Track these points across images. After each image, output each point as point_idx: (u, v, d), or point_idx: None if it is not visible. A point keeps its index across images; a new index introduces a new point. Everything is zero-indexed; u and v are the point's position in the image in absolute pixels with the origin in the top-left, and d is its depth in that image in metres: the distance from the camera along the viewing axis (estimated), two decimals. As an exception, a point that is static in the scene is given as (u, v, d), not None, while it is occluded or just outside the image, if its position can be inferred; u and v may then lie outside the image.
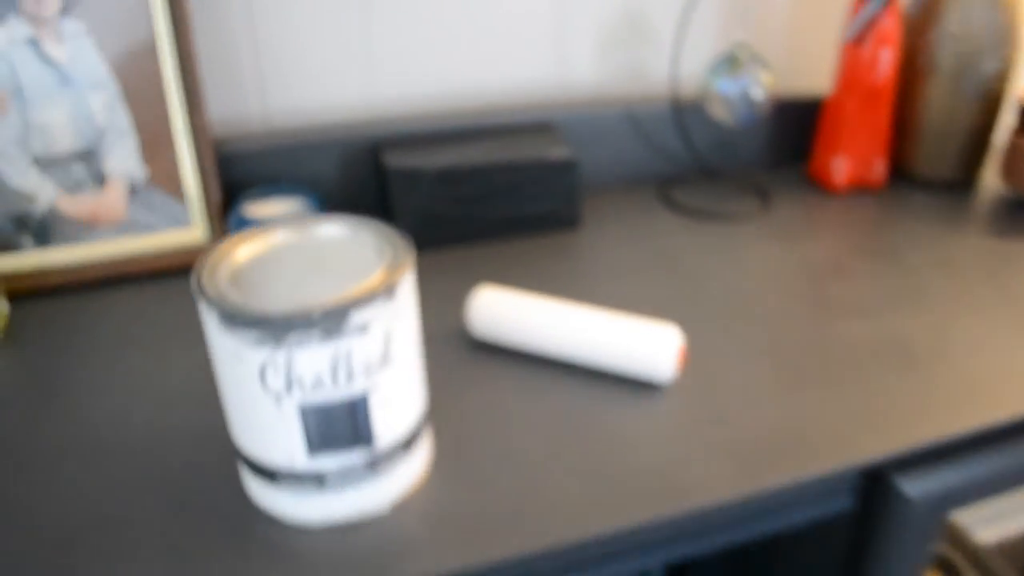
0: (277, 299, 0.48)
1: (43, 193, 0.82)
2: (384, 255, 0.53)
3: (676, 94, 1.04)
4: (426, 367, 0.69)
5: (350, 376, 0.49)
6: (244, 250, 0.54)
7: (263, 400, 0.49)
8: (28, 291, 0.82)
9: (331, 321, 0.47)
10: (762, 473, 0.56)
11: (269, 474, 0.53)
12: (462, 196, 0.85)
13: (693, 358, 0.68)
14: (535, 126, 0.94)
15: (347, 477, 0.52)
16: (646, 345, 0.63)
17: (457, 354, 0.70)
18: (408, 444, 0.54)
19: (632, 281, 0.80)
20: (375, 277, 0.50)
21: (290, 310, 0.47)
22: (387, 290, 0.49)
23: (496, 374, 0.67)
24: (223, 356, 0.49)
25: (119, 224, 0.84)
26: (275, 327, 0.47)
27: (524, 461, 0.58)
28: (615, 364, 0.65)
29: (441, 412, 0.63)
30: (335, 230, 0.56)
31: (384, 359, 0.50)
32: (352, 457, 0.52)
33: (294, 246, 0.55)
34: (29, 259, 0.82)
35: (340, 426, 0.50)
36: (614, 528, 0.52)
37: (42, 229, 0.83)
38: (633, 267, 0.82)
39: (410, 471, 0.55)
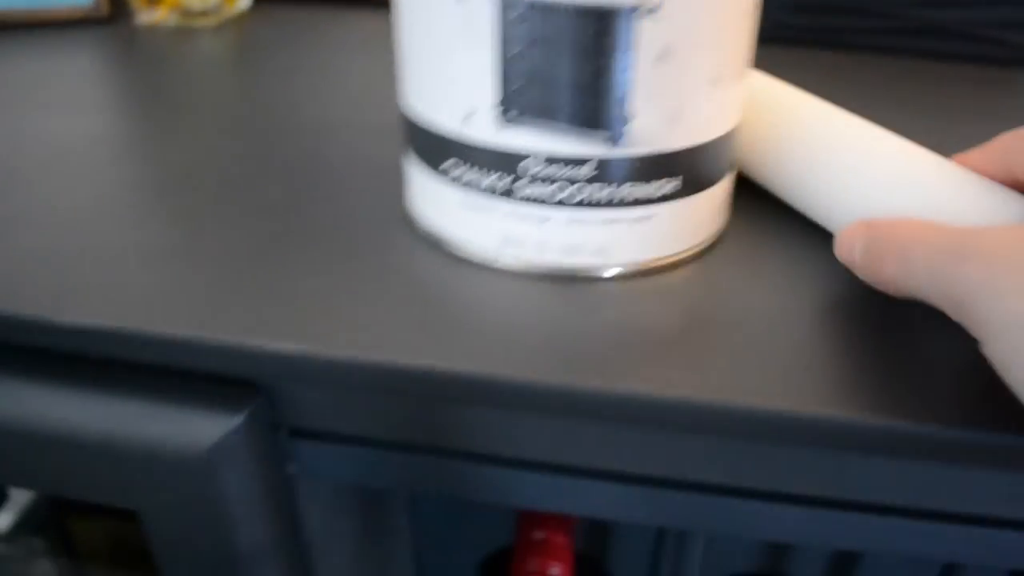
0: None
1: None
2: None
3: None
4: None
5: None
6: None
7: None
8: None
9: None
10: None
11: (433, 146, 0.30)
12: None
13: None
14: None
15: (555, 182, 0.28)
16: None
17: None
18: (693, 167, 0.29)
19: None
20: None
21: None
22: None
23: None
24: None
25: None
26: None
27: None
28: None
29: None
30: None
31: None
32: (573, 144, 0.27)
33: None
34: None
35: (563, 69, 0.26)
36: None
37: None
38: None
39: (677, 224, 0.30)
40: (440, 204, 0.31)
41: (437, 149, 0.30)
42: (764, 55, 0.58)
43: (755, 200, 0.35)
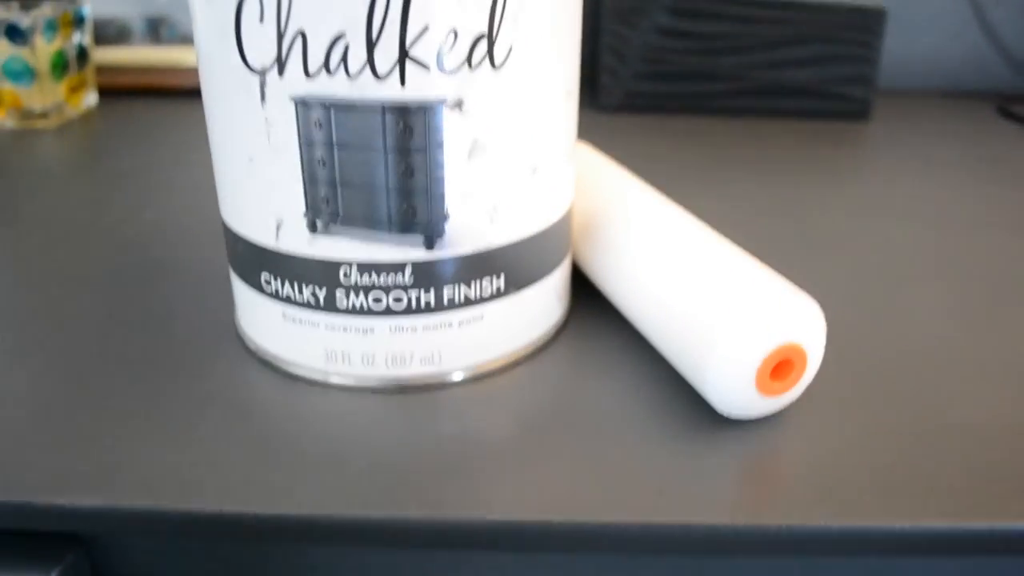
0: None
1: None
2: None
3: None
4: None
5: (401, 53, 0.23)
6: None
7: (236, 87, 0.25)
8: (127, 88, 0.66)
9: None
10: None
11: (249, 259, 0.28)
12: (703, 39, 0.58)
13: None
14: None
15: (375, 290, 0.26)
16: (704, 323, 0.26)
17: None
18: (518, 263, 0.28)
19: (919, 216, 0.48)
20: None
21: None
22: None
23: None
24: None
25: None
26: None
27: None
28: (668, 348, 0.28)
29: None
30: None
31: (490, 42, 0.24)
32: (389, 250, 0.26)
33: None
34: (137, 55, 0.66)
35: (370, 172, 0.25)
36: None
37: (158, 25, 0.66)
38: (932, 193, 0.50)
39: (508, 323, 0.29)
40: (263, 320, 0.29)
41: (253, 262, 0.28)
42: (618, 124, 0.58)
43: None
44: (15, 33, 0.55)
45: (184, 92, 0.65)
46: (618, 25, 0.58)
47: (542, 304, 0.29)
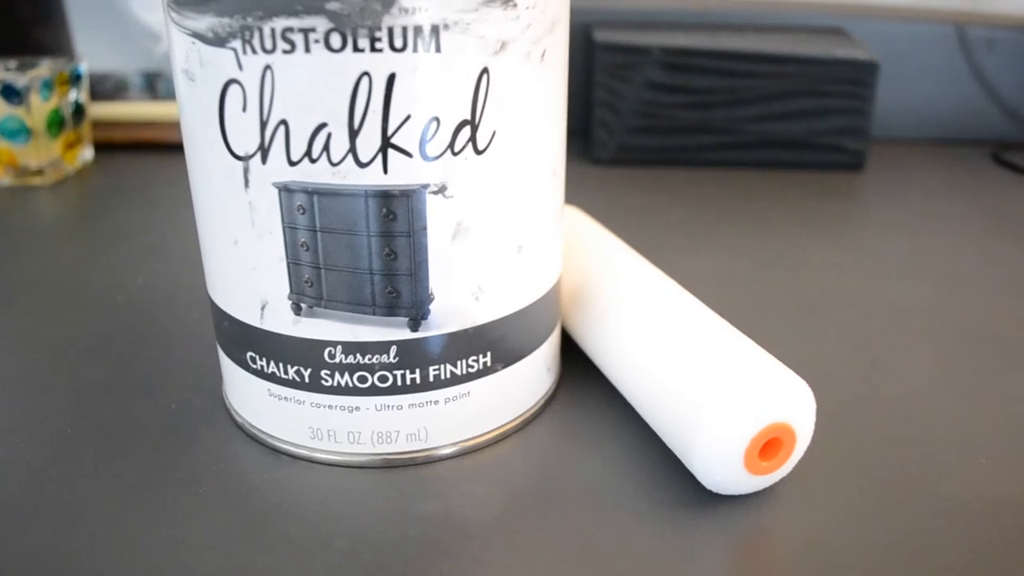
0: None
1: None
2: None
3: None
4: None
5: (384, 142, 0.23)
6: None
7: (220, 172, 0.25)
8: (124, 142, 0.66)
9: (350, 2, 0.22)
10: None
11: (234, 336, 0.28)
12: (696, 93, 0.58)
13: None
14: (820, 28, 0.66)
15: (360, 370, 0.26)
16: (692, 401, 0.26)
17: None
18: (505, 340, 0.28)
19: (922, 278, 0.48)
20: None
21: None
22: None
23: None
24: (176, 80, 0.26)
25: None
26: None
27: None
28: (657, 423, 0.28)
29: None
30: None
31: (473, 128, 0.24)
32: (374, 330, 0.26)
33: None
34: (134, 109, 0.66)
35: (353, 256, 0.25)
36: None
37: (155, 80, 0.67)
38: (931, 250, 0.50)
39: (495, 398, 0.28)
40: (249, 395, 0.29)
41: (238, 339, 0.28)
42: (611, 177, 0.58)
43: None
44: (10, 93, 0.56)
45: (181, 146, 0.65)
46: (611, 79, 0.58)
47: (530, 377, 0.29)
